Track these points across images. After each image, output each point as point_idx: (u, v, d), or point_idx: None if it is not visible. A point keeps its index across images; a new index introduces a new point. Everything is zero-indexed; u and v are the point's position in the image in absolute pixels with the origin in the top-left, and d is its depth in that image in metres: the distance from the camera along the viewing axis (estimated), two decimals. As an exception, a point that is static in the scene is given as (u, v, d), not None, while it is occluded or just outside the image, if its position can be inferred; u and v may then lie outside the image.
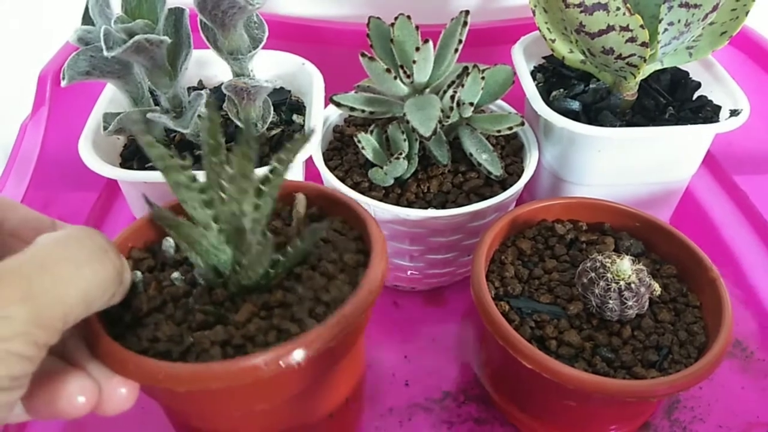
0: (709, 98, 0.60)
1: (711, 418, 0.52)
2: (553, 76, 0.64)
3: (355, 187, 0.55)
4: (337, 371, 0.40)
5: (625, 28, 0.48)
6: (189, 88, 0.62)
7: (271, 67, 0.63)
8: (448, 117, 0.53)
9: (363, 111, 0.55)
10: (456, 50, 0.53)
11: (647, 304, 0.46)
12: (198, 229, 0.35)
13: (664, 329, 0.46)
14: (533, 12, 0.58)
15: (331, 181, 0.54)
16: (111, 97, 0.55)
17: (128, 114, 0.47)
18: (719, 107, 0.59)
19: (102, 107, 0.54)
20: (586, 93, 0.60)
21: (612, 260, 0.45)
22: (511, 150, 0.60)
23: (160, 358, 0.34)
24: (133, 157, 0.54)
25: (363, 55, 0.52)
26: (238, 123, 0.51)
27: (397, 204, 0.54)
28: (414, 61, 0.52)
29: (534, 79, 0.63)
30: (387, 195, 0.55)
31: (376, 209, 0.53)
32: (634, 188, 0.60)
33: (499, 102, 0.62)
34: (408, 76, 0.52)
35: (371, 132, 0.57)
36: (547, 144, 0.60)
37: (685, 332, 0.46)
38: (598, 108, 0.58)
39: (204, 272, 0.38)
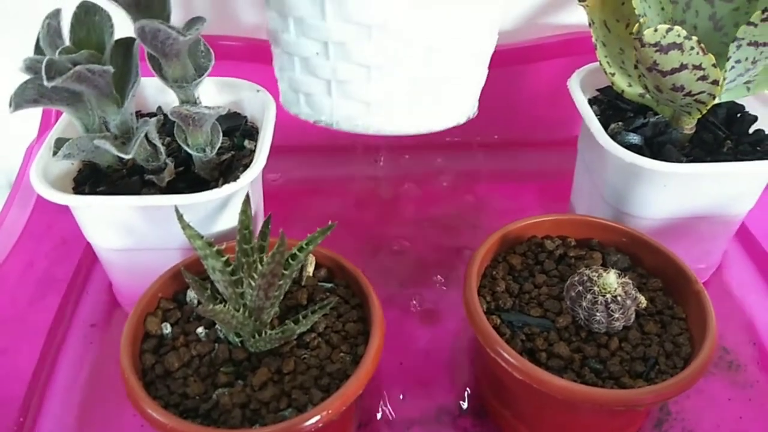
0: (767, 132, 0.60)
1: (700, 430, 0.53)
2: (609, 108, 0.64)
3: None
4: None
5: (698, 67, 0.49)
6: (147, 114, 0.63)
7: (227, 93, 0.64)
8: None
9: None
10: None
11: (634, 316, 0.47)
12: (230, 313, 0.42)
13: (650, 341, 0.47)
14: (595, 46, 0.58)
15: None
16: (67, 123, 0.56)
17: (77, 140, 0.49)
18: None
19: (57, 133, 0.55)
20: (645, 126, 0.60)
21: (598, 274, 0.46)
22: None
23: (189, 413, 0.42)
24: (85, 181, 0.55)
25: None
26: (187, 149, 0.52)
27: None
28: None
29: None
30: None
31: None
32: (693, 222, 0.60)
33: None
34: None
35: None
36: (606, 176, 0.60)
37: (671, 343, 0.47)
38: (660, 142, 0.58)
39: (226, 334, 0.46)
